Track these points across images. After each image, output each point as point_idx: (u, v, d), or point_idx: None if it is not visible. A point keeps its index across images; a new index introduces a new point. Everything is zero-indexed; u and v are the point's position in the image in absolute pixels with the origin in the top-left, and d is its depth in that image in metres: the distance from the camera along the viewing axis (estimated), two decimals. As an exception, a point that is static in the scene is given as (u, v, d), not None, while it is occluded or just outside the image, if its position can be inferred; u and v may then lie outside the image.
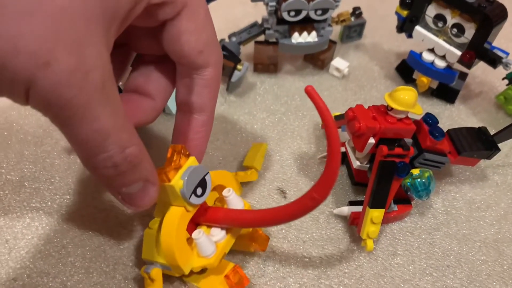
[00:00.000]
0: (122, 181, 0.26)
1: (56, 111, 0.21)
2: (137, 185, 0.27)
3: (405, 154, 0.37)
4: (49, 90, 0.20)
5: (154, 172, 0.28)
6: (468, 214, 0.42)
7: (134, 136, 0.25)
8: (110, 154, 0.24)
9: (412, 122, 0.37)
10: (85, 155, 0.24)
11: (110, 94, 0.23)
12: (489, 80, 0.56)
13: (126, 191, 0.27)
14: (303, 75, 0.55)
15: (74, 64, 0.20)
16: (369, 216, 0.37)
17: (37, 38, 0.19)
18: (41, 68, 0.20)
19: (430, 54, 0.50)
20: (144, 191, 0.27)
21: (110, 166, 0.24)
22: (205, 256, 0.32)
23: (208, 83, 0.31)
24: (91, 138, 0.23)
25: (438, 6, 0.48)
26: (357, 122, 0.36)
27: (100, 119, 0.22)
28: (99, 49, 0.22)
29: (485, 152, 0.41)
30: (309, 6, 0.48)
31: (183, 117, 0.32)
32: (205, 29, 0.29)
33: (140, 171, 0.26)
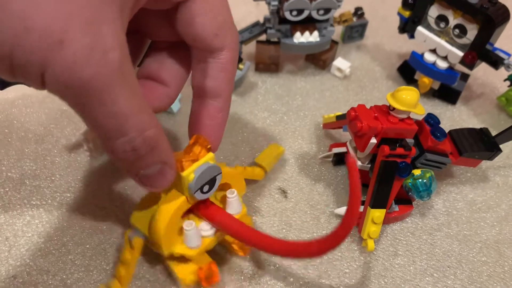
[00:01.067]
0: (140, 164, 0.26)
1: (74, 94, 0.21)
2: (155, 168, 0.27)
3: (407, 154, 0.37)
4: (66, 71, 0.20)
5: (171, 155, 0.28)
6: (469, 215, 0.42)
7: (153, 118, 0.25)
8: (129, 138, 0.23)
9: (414, 122, 0.37)
10: (104, 139, 0.24)
11: (128, 75, 0.22)
12: (490, 81, 0.56)
13: (144, 173, 0.27)
14: (304, 75, 0.55)
15: (90, 43, 0.20)
16: (370, 216, 0.37)
17: (48, 15, 0.19)
18: (55, 47, 0.19)
19: (432, 55, 0.50)
20: (161, 173, 0.27)
21: (129, 150, 0.24)
22: (189, 247, 0.32)
23: (224, 67, 0.30)
24: (110, 121, 0.22)
25: (440, 6, 0.47)
26: (359, 122, 0.36)
27: (120, 102, 0.22)
28: (115, 29, 0.21)
29: (487, 153, 0.41)
30: (311, 5, 0.48)
31: (199, 102, 0.31)
32: (221, 11, 0.28)
33: (158, 154, 0.26)
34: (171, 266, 0.34)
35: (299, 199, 0.42)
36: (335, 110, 0.51)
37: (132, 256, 0.33)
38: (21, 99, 0.49)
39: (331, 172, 0.45)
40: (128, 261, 0.33)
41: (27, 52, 0.19)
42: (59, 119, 0.48)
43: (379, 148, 0.37)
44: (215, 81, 0.30)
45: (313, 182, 0.44)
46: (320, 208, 0.42)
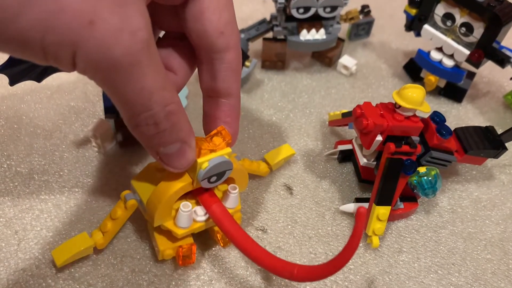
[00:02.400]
0: (161, 140, 0.27)
1: (104, 72, 0.22)
2: (175, 146, 0.27)
3: (412, 152, 0.37)
4: (97, 50, 0.21)
5: (192, 135, 0.28)
6: (474, 213, 0.42)
7: (174, 95, 0.26)
8: (153, 112, 0.25)
9: (419, 120, 0.37)
10: (129, 113, 0.25)
11: (154, 53, 0.23)
12: (496, 80, 0.56)
13: (164, 151, 0.28)
14: (310, 72, 0.56)
15: (119, 23, 0.21)
16: (375, 213, 0.37)
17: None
18: (87, 27, 0.20)
19: (438, 53, 0.50)
20: (181, 153, 0.28)
21: (151, 124, 0.25)
22: (179, 226, 0.33)
23: (231, 67, 0.30)
24: (137, 97, 0.23)
25: (447, 5, 0.48)
26: (365, 119, 0.36)
27: (146, 78, 0.23)
28: (141, 10, 0.22)
29: (492, 151, 0.41)
30: (318, 3, 0.48)
31: (210, 102, 0.32)
32: (227, 9, 0.29)
33: (178, 131, 0.27)
34: (155, 235, 0.35)
35: (305, 196, 0.42)
36: (340, 107, 0.51)
37: (123, 214, 0.34)
38: (30, 95, 0.50)
39: (336, 169, 0.45)
40: (118, 217, 0.34)
41: (59, 32, 0.20)
42: (67, 114, 0.48)
43: (385, 145, 0.37)
44: (224, 81, 0.31)
45: (318, 179, 0.44)
46: (325, 205, 0.42)
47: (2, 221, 0.39)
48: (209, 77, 0.31)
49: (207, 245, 0.38)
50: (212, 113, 0.32)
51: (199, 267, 0.37)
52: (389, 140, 0.37)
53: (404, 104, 0.36)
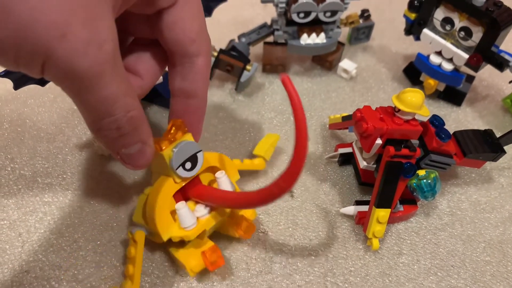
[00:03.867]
0: (123, 142, 0.28)
1: (71, 81, 0.23)
2: (136, 146, 0.29)
3: (412, 155, 0.37)
4: (66, 61, 0.22)
5: (151, 135, 0.30)
6: (473, 215, 0.43)
7: (136, 101, 0.27)
8: (115, 118, 0.26)
9: (419, 124, 0.38)
10: (92, 119, 0.26)
11: (119, 64, 0.25)
12: (496, 83, 0.56)
13: (126, 152, 0.29)
14: (311, 76, 0.56)
15: (89, 36, 0.22)
16: (375, 216, 0.38)
17: (54, 10, 0.21)
18: (59, 39, 0.21)
19: (437, 57, 0.51)
20: (141, 152, 0.29)
21: (114, 128, 0.27)
22: (185, 227, 0.34)
23: (201, 70, 0.32)
24: (101, 104, 0.25)
25: (446, 9, 0.48)
26: (365, 123, 0.37)
27: (111, 87, 0.24)
28: (110, 23, 0.24)
29: (491, 154, 0.41)
30: (318, 8, 0.48)
31: (178, 102, 0.34)
32: (198, 18, 0.31)
33: (139, 134, 0.28)
34: (175, 255, 0.36)
35: (305, 199, 0.43)
36: (341, 111, 0.51)
37: (137, 250, 0.34)
38: (33, 98, 0.50)
39: (337, 172, 0.45)
40: (133, 255, 0.34)
41: (32, 43, 0.21)
42: (70, 118, 0.49)
43: (384, 148, 0.37)
44: (192, 83, 0.32)
45: (319, 182, 0.44)
46: (326, 208, 0.42)
47: (6, 224, 0.39)
48: (180, 78, 0.32)
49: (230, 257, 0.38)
50: (177, 112, 0.34)
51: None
52: (388, 143, 0.38)
53: (403, 108, 0.36)
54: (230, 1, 0.51)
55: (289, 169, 0.28)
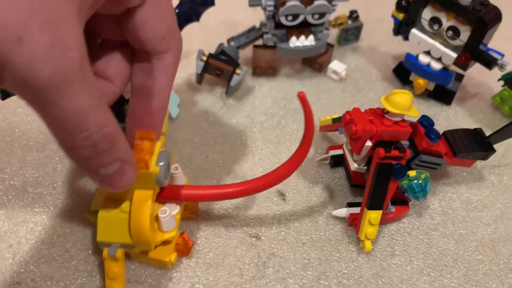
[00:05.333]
0: (100, 161, 0.26)
1: (33, 91, 0.21)
2: (115, 166, 0.27)
3: (402, 156, 0.37)
4: (25, 69, 0.20)
5: (130, 152, 0.28)
6: (464, 214, 0.43)
7: (110, 115, 0.25)
8: (88, 133, 0.24)
9: (408, 125, 0.38)
10: (63, 135, 0.24)
11: (87, 73, 0.22)
12: (485, 81, 0.56)
13: (104, 172, 0.26)
14: (301, 78, 0.56)
15: (50, 41, 0.20)
16: (367, 218, 0.38)
17: (7, 10, 0.19)
18: (15, 43, 0.19)
19: (426, 57, 0.51)
20: (122, 172, 0.27)
21: (88, 146, 0.24)
22: (168, 230, 0.35)
23: (167, 69, 0.31)
24: (69, 118, 0.22)
25: (433, 9, 0.48)
26: (354, 125, 0.37)
27: (79, 98, 0.22)
28: (75, 28, 0.21)
29: (481, 153, 0.41)
30: (306, 10, 0.48)
31: (139, 102, 0.32)
32: (168, 16, 0.29)
33: (117, 151, 0.26)
34: (150, 256, 0.36)
35: (297, 202, 0.43)
36: (331, 112, 0.52)
37: (120, 268, 0.34)
38: (22, 107, 0.50)
39: (328, 174, 0.45)
40: (117, 274, 0.34)
41: None
42: (60, 126, 0.48)
43: (375, 150, 0.38)
44: (157, 81, 0.31)
45: (311, 184, 0.44)
46: (318, 210, 0.42)
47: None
48: (145, 76, 0.31)
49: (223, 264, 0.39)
50: (140, 114, 0.32)
51: (195, 276, 0.37)
52: (378, 145, 0.38)
53: (392, 110, 0.36)
54: (219, 5, 0.51)
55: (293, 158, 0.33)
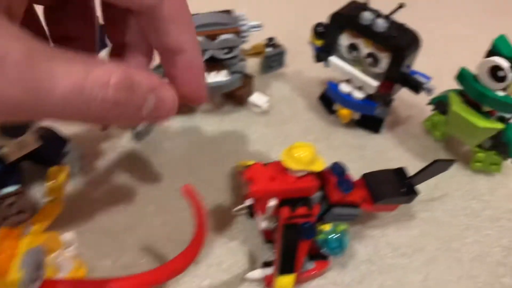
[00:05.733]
0: (132, 106, 0.21)
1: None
2: (151, 101, 0.22)
3: (310, 214, 0.34)
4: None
5: (153, 78, 0.23)
6: (392, 262, 0.39)
7: (111, 67, 0.20)
8: (98, 100, 0.19)
9: (314, 179, 0.34)
10: (89, 120, 0.20)
11: (49, 53, 0.18)
12: (417, 103, 0.53)
13: (147, 112, 0.22)
14: (221, 113, 0.52)
15: None
16: (278, 284, 0.34)
17: None
18: None
19: (347, 85, 0.47)
20: (163, 101, 0.23)
21: (109, 107, 0.20)
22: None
23: (172, 17, 0.25)
24: (70, 98, 0.18)
25: (350, 35, 0.45)
26: (252, 186, 0.33)
27: (62, 80, 0.18)
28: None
29: (403, 197, 0.38)
30: (211, 45, 0.44)
31: (168, 63, 0.26)
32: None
33: (140, 87, 0.22)
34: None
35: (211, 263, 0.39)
36: (254, 151, 0.48)
37: None
38: None
39: (246, 226, 0.41)
40: None
41: None
42: None
43: (279, 210, 0.34)
44: (170, 36, 0.25)
45: (227, 240, 0.40)
46: (234, 272, 0.38)
47: None
48: (155, 34, 0.25)
49: None
50: (174, 73, 0.26)
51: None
52: (284, 203, 0.34)
53: (292, 166, 0.32)
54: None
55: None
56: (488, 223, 0.43)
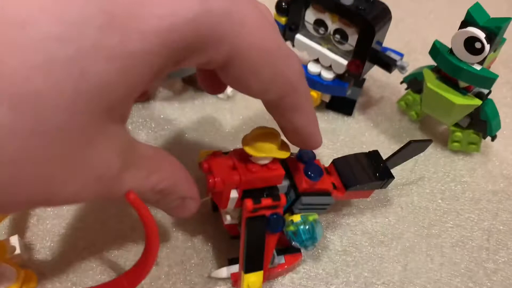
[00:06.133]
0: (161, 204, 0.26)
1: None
2: (174, 203, 0.27)
3: (276, 205, 0.31)
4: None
5: (190, 189, 0.28)
6: (369, 250, 0.37)
7: (165, 173, 0.25)
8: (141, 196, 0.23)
9: (279, 167, 0.30)
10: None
11: (130, 161, 0.21)
12: (390, 82, 0.50)
13: (166, 208, 0.28)
14: (182, 100, 0.48)
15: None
16: (245, 283, 0.31)
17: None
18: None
19: (315, 66, 0.44)
20: (182, 207, 0.28)
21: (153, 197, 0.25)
22: None
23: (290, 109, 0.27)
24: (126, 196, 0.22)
25: (316, 10, 0.41)
26: (211, 177, 0.30)
27: (127, 186, 0.22)
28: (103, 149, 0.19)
29: (377, 182, 0.35)
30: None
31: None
32: (265, 69, 0.23)
33: (175, 193, 0.26)
34: None
35: (172, 263, 0.35)
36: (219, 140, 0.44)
37: None
38: None
39: (210, 220, 0.38)
40: None
41: None
42: None
43: (243, 202, 0.30)
44: (294, 122, 0.28)
45: (189, 236, 0.37)
46: (198, 271, 0.35)
47: None
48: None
49: None
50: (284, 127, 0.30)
51: None
52: (247, 194, 0.30)
53: (254, 154, 0.29)
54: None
55: (137, 269, 0.27)
56: (468, 206, 0.40)
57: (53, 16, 0.14)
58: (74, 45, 0.14)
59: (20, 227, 0.36)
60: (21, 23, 0.14)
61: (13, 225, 0.36)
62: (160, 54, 0.17)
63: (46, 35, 0.14)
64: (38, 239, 0.36)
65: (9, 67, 0.13)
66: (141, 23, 0.16)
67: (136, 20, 0.16)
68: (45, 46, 0.14)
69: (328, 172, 0.35)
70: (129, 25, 0.16)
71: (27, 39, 0.14)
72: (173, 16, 0.17)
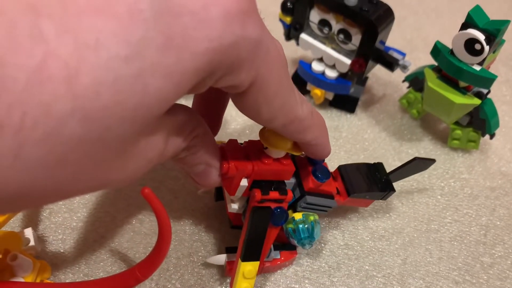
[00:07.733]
0: (185, 165, 0.28)
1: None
2: (200, 167, 0.28)
3: (282, 199, 0.32)
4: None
5: (213, 158, 0.29)
6: (370, 245, 0.38)
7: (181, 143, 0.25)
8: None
9: (291, 163, 0.32)
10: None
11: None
12: (392, 80, 0.51)
13: (192, 171, 0.29)
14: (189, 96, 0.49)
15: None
16: (241, 270, 0.32)
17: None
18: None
19: (319, 64, 0.45)
20: (206, 173, 0.29)
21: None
22: None
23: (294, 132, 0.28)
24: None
25: (320, 11, 0.42)
26: (225, 163, 0.30)
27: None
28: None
29: (378, 193, 0.36)
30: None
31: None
32: (275, 99, 0.25)
33: (199, 158, 0.28)
34: None
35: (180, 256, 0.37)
36: (224, 136, 0.45)
37: None
38: None
39: (211, 209, 0.39)
40: None
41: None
42: None
43: (251, 192, 0.32)
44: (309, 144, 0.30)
45: (196, 231, 0.38)
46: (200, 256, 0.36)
47: None
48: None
49: None
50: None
51: None
52: (256, 185, 0.32)
53: (269, 147, 0.30)
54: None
55: (150, 259, 0.28)
56: (467, 202, 0.42)
57: (121, 39, 0.16)
58: (137, 64, 0.16)
59: (33, 220, 0.38)
60: (94, 46, 0.15)
61: (26, 218, 0.37)
62: (205, 70, 0.19)
63: (115, 56, 0.16)
64: (50, 232, 0.37)
65: (83, 84, 0.15)
66: (193, 44, 0.18)
67: (189, 42, 0.18)
68: (114, 66, 0.16)
69: (333, 177, 0.36)
70: (183, 46, 0.17)
71: (99, 60, 0.15)
72: (220, 39, 0.19)
